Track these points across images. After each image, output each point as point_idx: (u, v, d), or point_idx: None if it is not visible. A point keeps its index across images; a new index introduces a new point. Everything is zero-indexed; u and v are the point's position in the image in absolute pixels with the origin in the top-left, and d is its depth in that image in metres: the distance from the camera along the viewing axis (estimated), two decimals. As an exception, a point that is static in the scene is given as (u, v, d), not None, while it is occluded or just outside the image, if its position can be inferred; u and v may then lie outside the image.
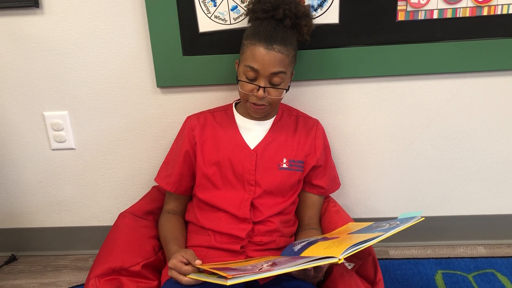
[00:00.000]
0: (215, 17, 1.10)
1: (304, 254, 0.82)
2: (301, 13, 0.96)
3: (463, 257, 1.26)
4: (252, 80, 0.94)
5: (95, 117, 1.24)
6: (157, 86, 1.18)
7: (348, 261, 0.95)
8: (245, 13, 1.04)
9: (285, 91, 0.97)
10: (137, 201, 1.14)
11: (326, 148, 1.10)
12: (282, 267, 0.73)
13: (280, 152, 1.02)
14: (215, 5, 1.08)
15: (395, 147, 1.25)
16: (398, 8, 1.07)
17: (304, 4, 1.00)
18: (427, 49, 1.11)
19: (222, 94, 1.19)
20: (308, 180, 1.08)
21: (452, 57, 1.11)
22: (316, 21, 1.08)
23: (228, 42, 1.11)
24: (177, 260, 0.80)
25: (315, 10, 1.08)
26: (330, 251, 0.77)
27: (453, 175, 1.27)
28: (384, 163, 1.26)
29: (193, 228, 1.03)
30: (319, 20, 1.09)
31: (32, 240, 1.39)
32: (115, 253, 0.93)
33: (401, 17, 1.08)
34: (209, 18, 1.10)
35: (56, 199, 1.34)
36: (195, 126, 1.05)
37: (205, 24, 1.10)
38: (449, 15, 1.08)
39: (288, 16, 0.94)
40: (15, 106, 1.23)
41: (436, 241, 1.35)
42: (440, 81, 1.16)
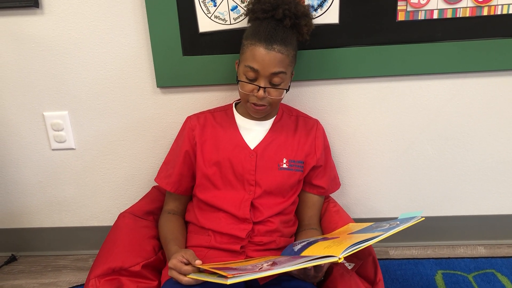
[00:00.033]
0: (215, 17, 1.10)
1: (304, 254, 0.82)
2: (301, 13, 0.96)
3: (463, 257, 1.26)
4: (252, 81, 0.94)
5: (95, 117, 1.24)
6: (157, 86, 1.18)
7: (348, 261, 0.95)
8: (245, 13, 1.04)
9: (285, 91, 0.97)
10: (137, 201, 1.14)
11: (326, 148, 1.10)
12: (282, 266, 0.72)
13: (280, 152, 1.02)
14: (215, 5, 1.08)
15: (395, 147, 1.25)
16: (398, 8, 1.07)
17: (304, 4, 1.00)
18: (427, 49, 1.11)
19: (222, 94, 1.19)
20: (308, 180, 1.08)
21: (452, 57, 1.11)
22: (316, 21, 1.08)
23: (228, 42, 1.11)
24: (177, 260, 0.80)
25: (315, 10, 1.08)
26: (330, 251, 0.77)
27: (453, 175, 1.27)
28: (384, 163, 1.26)
29: (193, 228, 1.03)
30: (319, 20, 1.09)
31: (32, 240, 1.39)
32: (115, 253, 0.93)
33: (401, 17, 1.08)
34: (209, 18, 1.10)
35: (56, 199, 1.34)
36: (195, 126, 1.05)
37: (205, 24, 1.10)
38: (449, 15, 1.08)
39: (288, 16, 0.94)
40: (15, 106, 1.23)
41: (436, 241, 1.35)
42: (440, 81, 1.16)
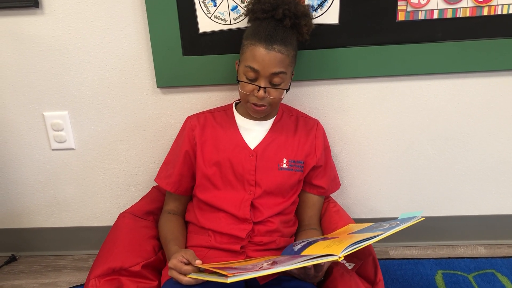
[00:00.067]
0: (215, 17, 1.10)
1: (304, 253, 0.82)
2: (301, 13, 0.96)
3: (463, 257, 1.26)
4: (253, 81, 0.94)
5: (95, 117, 1.24)
6: (157, 86, 1.18)
7: (348, 261, 0.95)
8: (245, 13, 1.04)
9: (286, 91, 0.97)
10: (137, 201, 1.14)
11: (326, 149, 1.10)
12: (283, 265, 0.72)
13: (280, 152, 1.02)
14: (215, 5, 1.08)
15: (395, 147, 1.25)
16: (398, 8, 1.07)
17: (304, 4, 1.00)
18: (427, 49, 1.11)
19: (222, 94, 1.19)
20: (308, 181, 1.08)
21: (452, 57, 1.11)
22: (316, 21, 1.08)
23: (228, 42, 1.11)
24: (177, 260, 0.80)
25: (315, 10, 1.08)
26: (330, 250, 0.77)
27: (453, 175, 1.27)
28: (384, 163, 1.26)
29: (193, 228, 1.03)
30: (319, 20, 1.09)
31: (32, 240, 1.39)
32: (115, 253, 0.93)
33: (401, 17, 1.08)
34: (209, 18, 1.10)
35: (56, 199, 1.34)
36: (195, 126, 1.04)
37: (205, 24, 1.10)
38: (449, 15, 1.08)
39: (288, 16, 0.94)
40: (15, 106, 1.23)
41: (436, 241, 1.35)
42: (440, 81, 1.16)
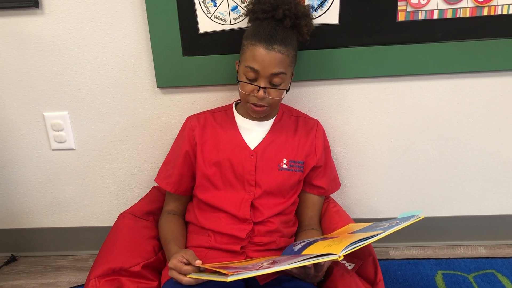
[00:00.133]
0: (215, 17, 1.10)
1: (304, 253, 0.82)
2: (301, 13, 0.96)
3: (464, 258, 1.26)
4: (252, 81, 0.94)
5: (95, 117, 1.24)
6: (157, 87, 1.18)
7: (348, 262, 0.95)
8: (245, 13, 1.04)
9: (285, 92, 0.97)
10: (137, 202, 1.14)
11: (326, 149, 1.10)
12: (283, 264, 0.73)
13: (280, 153, 1.02)
14: (215, 5, 1.08)
15: (395, 148, 1.25)
16: (398, 9, 1.07)
17: (304, 4, 1.00)
18: (427, 50, 1.11)
19: (222, 95, 1.19)
20: (308, 181, 1.08)
21: (452, 57, 1.11)
22: (316, 21, 1.08)
23: (228, 43, 1.11)
24: (177, 260, 0.80)
25: (315, 11, 1.08)
26: (330, 249, 0.77)
27: (453, 176, 1.27)
28: (384, 163, 1.26)
29: (193, 229, 1.03)
30: (319, 21, 1.09)
31: (32, 241, 1.39)
32: (115, 254, 0.93)
33: (401, 18, 1.08)
34: (209, 18, 1.10)
35: (56, 200, 1.34)
36: (195, 127, 1.04)
37: (205, 24, 1.10)
38: (449, 16, 1.08)
39: (288, 16, 0.94)
40: (15, 106, 1.23)
41: (436, 242, 1.35)
42: (440, 81, 1.16)
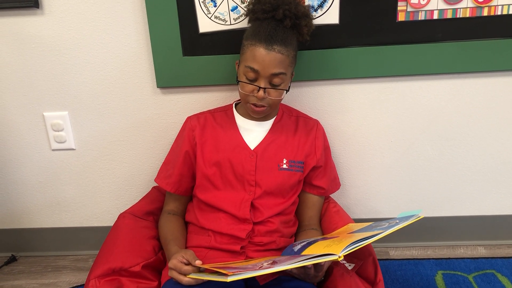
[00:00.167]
0: (215, 18, 1.10)
1: (304, 253, 0.82)
2: (301, 14, 0.96)
3: (464, 258, 1.26)
4: (252, 81, 0.94)
5: (95, 118, 1.24)
6: (157, 87, 1.18)
7: (348, 262, 0.95)
8: (245, 14, 1.04)
9: (285, 92, 0.97)
10: (137, 202, 1.14)
11: (326, 149, 1.10)
12: (283, 264, 0.73)
13: (280, 153, 1.02)
14: (215, 6, 1.08)
15: (395, 148, 1.25)
16: (398, 9, 1.07)
17: (304, 5, 1.00)
18: (427, 50, 1.11)
19: (222, 95, 1.19)
20: (308, 181, 1.08)
21: (452, 58, 1.11)
22: (316, 22, 1.08)
23: (228, 43, 1.11)
24: (177, 261, 0.80)
25: (315, 11, 1.08)
26: (330, 249, 0.77)
27: (453, 176, 1.27)
28: (384, 164, 1.26)
29: (193, 229, 1.03)
30: (319, 21, 1.09)
31: (32, 241, 1.39)
32: (115, 254, 0.93)
33: (401, 18, 1.08)
34: (209, 19, 1.10)
35: (56, 200, 1.34)
36: (195, 127, 1.04)
37: (205, 25, 1.10)
38: (449, 16, 1.08)
39: (288, 17, 0.94)
40: (15, 106, 1.23)
41: (436, 242, 1.35)
42: (440, 82, 1.16)
